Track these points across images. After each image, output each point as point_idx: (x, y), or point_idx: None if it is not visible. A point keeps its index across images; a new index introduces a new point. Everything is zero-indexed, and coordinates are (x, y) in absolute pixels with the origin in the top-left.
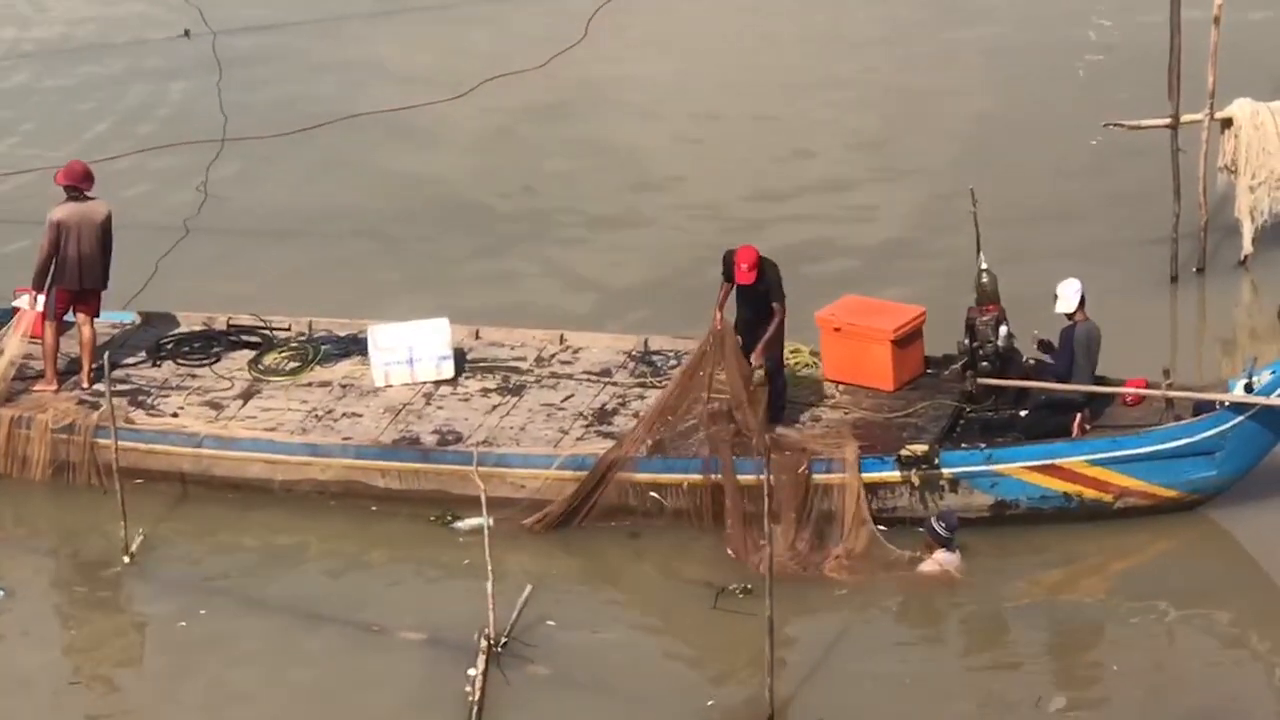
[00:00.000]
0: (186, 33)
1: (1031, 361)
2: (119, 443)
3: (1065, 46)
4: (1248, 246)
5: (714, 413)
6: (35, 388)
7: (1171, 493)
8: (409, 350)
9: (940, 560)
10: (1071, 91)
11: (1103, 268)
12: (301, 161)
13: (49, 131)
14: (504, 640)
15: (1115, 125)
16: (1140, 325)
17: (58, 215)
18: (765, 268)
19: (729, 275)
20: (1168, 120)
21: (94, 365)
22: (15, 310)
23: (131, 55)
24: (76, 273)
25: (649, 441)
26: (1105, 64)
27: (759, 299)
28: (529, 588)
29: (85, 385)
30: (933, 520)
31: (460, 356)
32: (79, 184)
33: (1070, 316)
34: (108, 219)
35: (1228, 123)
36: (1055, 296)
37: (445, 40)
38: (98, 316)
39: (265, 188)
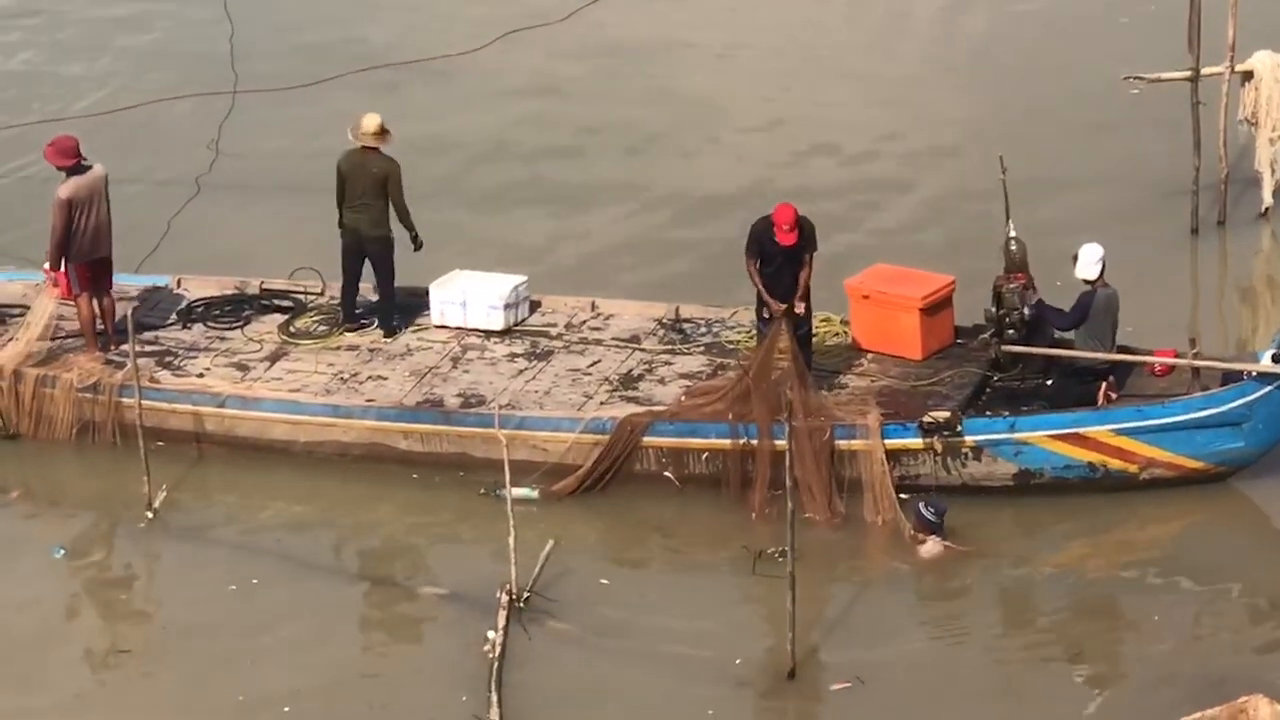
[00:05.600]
0: None
1: (1030, 308)
2: (143, 401)
3: (1085, 3)
4: (1268, 199)
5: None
6: (81, 361)
7: (1198, 464)
8: (463, 293)
9: (934, 543)
10: (1092, 46)
11: (1123, 221)
12: (316, 115)
13: (59, 84)
14: (526, 596)
15: (1135, 78)
16: (1161, 278)
17: (67, 193)
18: (802, 224)
19: (757, 249)
20: (1188, 73)
21: (117, 330)
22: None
23: (145, 9)
24: (91, 243)
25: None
26: (1126, 18)
27: (800, 257)
28: (551, 542)
29: (112, 348)
30: (920, 506)
31: (512, 316)
32: (74, 159)
33: (1090, 283)
34: (105, 180)
35: (1248, 75)
36: (1075, 258)
37: None
38: (111, 283)
39: (277, 143)
